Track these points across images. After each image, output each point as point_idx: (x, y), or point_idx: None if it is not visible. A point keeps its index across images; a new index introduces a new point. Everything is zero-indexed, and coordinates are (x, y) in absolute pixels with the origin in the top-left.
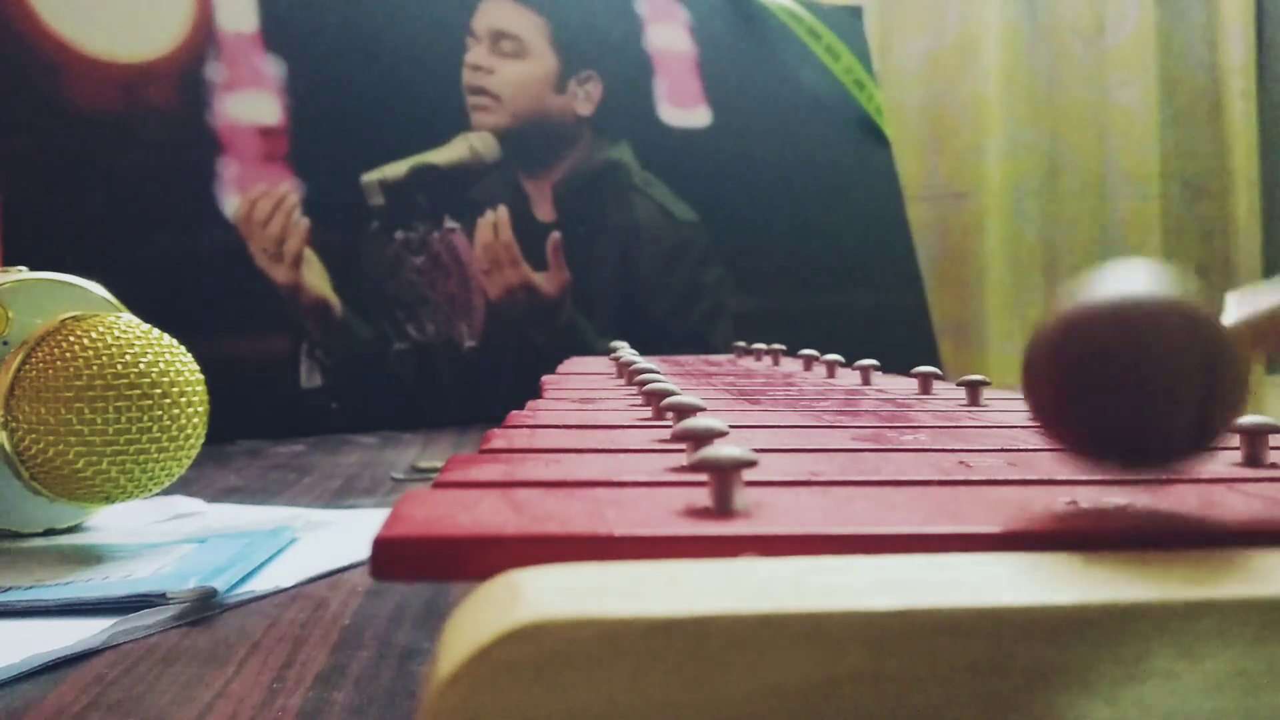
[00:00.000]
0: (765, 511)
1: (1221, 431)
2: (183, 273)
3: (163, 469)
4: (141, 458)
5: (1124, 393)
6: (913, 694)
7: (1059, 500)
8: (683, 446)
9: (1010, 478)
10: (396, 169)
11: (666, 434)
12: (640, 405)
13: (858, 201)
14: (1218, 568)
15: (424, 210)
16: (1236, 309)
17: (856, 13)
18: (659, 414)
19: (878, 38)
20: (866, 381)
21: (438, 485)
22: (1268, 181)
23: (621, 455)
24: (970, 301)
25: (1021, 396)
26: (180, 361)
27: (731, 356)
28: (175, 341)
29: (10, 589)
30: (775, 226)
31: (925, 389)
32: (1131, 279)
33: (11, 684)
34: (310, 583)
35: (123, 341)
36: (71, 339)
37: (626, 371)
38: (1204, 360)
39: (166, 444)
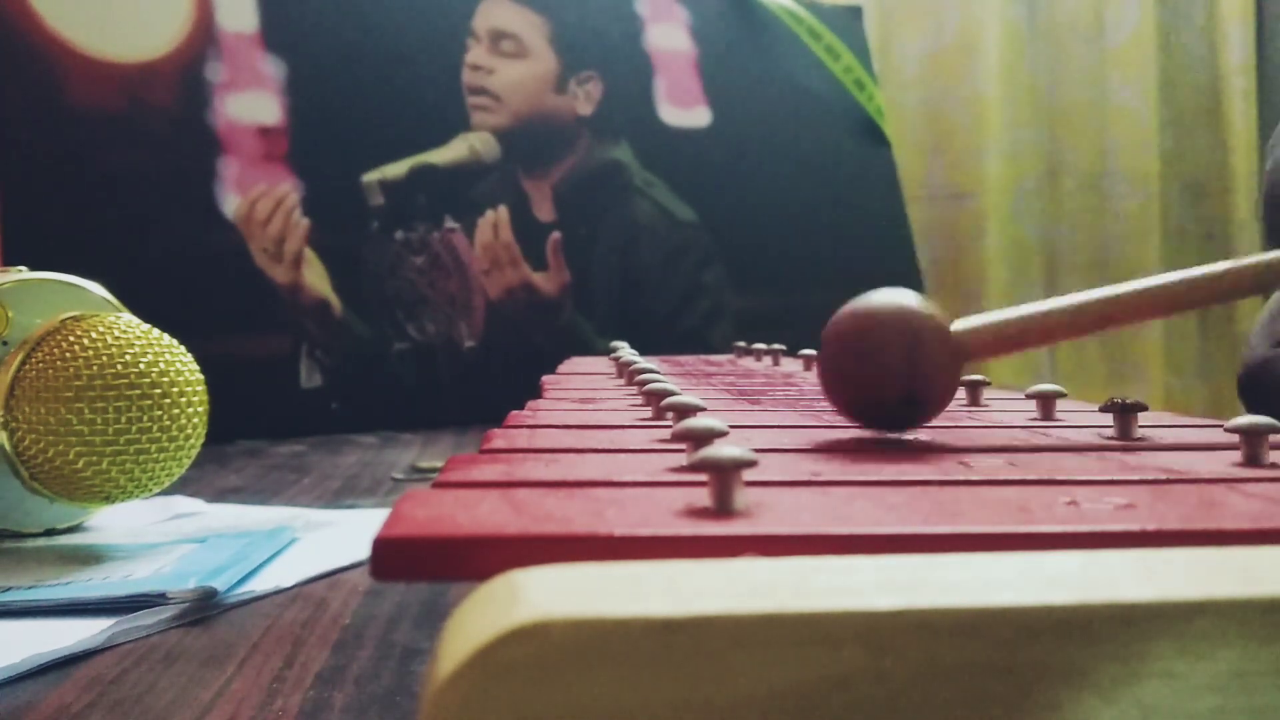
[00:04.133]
0: (765, 511)
1: (928, 402)
2: (183, 273)
3: (163, 469)
4: (141, 458)
5: (854, 372)
6: (913, 694)
7: (1059, 500)
8: (683, 446)
9: (1010, 478)
10: (396, 169)
11: (666, 434)
12: (640, 405)
13: (858, 201)
14: (1218, 568)
15: (424, 210)
16: (965, 321)
17: (856, 13)
18: (659, 414)
19: (878, 38)
20: None
21: (438, 485)
22: None
23: (621, 455)
24: (970, 301)
25: (1021, 396)
26: (180, 361)
27: (731, 356)
28: (175, 341)
29: (10, 589)
30: (775, 226)
31: None
32: (873, 296)
33: (11, 684)
34: (310, 583)
35: (123, 341)
36: (71, 339)
37: (626, 371)
38: (907, 353)
39: (166, 444)
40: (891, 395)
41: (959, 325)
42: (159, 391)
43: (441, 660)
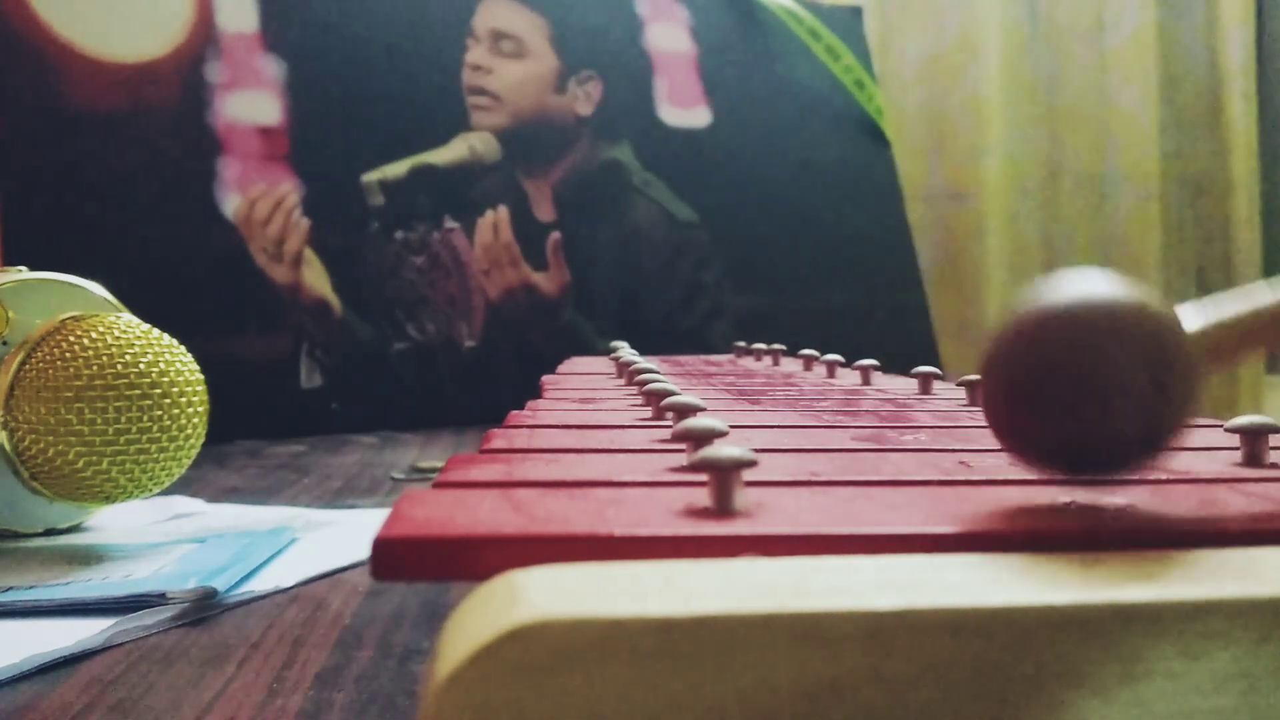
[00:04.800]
0: (765, 511)
1: (1170, 439)
2: (183, 273)
3: (163, 469)
4: (141, 458)
5: (1071, 399)
6: (913, 694)
7: (1059, 500)
8: (683, 446)
9: (1010, 478)
10: (396, 169)
11: (666, 434)
12: (640, 405)
13: (858, 201)
14: (1218, 568)
15: (424, 210)
16: (1198, 317)
17: (856, 13)
18: (659, 414)
19: (878, 38)
20: (866, 381)
21: (438, 485)
22: (1268, 181)
23: (621, 455)
24: (970, 301)
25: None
26: (180, 361)
27: (731, 356)
28: (175, 341)
29: (10, 589)
30: (775, 226)
31: (925, 389)
32: (1083, 285)
33: (11, 684)
34: (310, 583)
35: (123, 341)
36: (71, 339)
37: (626, 371)
38: (1153, 367)
39: (166, 444)
40: (1128, 431)
41: (1191, 327)
42: (159, 391)
43: (441, 660)
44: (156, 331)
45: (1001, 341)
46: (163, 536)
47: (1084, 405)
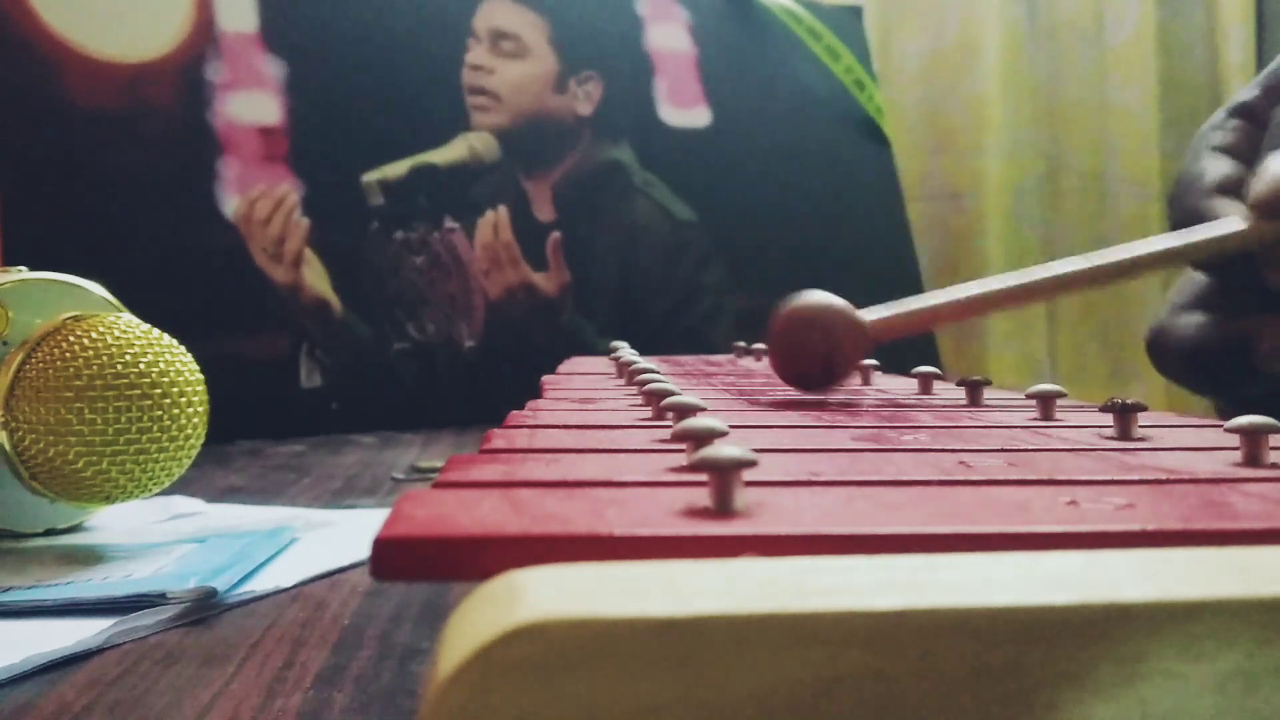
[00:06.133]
0: (765, 511)
1: (842, 372)
2: (183, 273)
3: (163, 469)
4: (141, 458)
5: (788, 351)
6: (913, 694)
7: (1059, 500)
8: (683, 446)
9: (1010, 478)
10: (396, 169)
11: (666, 434)
12: (640, 405)
13: (858, 201)
14: (1218, 568)
15: (424, 210)
16: (879, 311)
17: (856, 13)
18: (659, 414)
19: (878, 38)
20: (867, 381)
21: (438, 485)
22: None
23: (621, 455)
24: None
25: (1021, 396)
26: (180, 361)
27: (731, 356)
28: (175, 341)
29: (10, 589)
30: (775, 226)
31: (925, 389)
32: (805, 296)
33: (11, 684)
34: (310, 583)
35: (123, 341)
36: (71, 339)
37: (626, 371)
38: (827, 334)
39: (166, 444)
40: (815, 366)
41: (866, 315)
42: (159, 391)
43: (441, 660)
44: (156, 331)
45: (772, 324)
46: (163, 536)
47: (793, 353)
